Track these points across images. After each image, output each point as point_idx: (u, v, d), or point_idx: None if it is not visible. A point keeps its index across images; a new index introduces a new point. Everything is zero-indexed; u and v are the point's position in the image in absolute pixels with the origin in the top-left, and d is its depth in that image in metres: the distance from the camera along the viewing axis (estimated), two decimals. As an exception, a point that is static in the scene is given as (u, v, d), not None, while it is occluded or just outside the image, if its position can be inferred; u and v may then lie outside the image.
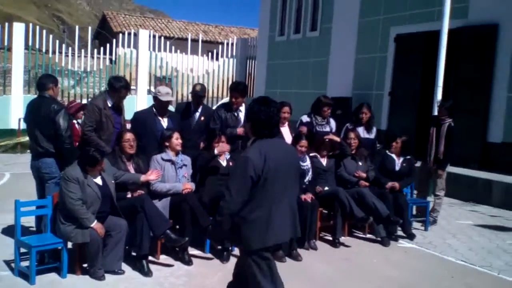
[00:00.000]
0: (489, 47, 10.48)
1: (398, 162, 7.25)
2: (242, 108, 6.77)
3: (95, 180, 5.13)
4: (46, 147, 5.51)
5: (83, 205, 4.92)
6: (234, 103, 6.74)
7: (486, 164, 10.26)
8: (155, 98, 6.33)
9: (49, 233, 5.17)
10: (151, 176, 5.61)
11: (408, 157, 7.35)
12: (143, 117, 6.39)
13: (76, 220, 4.90)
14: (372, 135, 7.61)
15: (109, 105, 6.04)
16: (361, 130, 7.44)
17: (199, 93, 6.86)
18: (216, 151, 6.07)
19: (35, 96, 6.16)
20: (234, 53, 20.69)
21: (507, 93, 10.16)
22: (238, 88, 6.74)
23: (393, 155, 7.25)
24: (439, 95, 9.71)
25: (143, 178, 5.58)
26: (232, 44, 20.74)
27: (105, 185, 5.18)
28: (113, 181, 5.28)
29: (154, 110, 6.36)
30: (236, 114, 6.75)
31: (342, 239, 6.55)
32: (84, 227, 4.90)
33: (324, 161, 6.90)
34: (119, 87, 6.03)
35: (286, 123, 7.12)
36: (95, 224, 4.93)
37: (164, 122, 6.32)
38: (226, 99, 19.48)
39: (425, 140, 7.83)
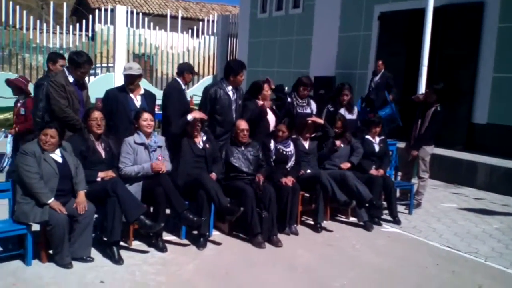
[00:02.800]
0: (474, 25, 10.26)
1: (376, 143, 7.06)
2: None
3: (54, 157, 4.82)
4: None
5: (40, 179, 4.62)
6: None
7: (471, 145, 10.11)
8: (124, 75, 6.01)
9: (12, 218, 4.84)
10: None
11: (382, 137, 7.20)
12: (115, 95, 6.02)
13: (34, 197, 4.61)
14: (354, 116, 7.37)
15: (71, 81, 5.77)
16: (342, 112, 7.18)
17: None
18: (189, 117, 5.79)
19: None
20: (215, 31, 20.21)
21: (493, 73, 9.98)
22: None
23: (370, 138, 7.05)
24: (424, 75, 9.49)
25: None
26: (213, 21, 20.25)
27: (65, 163, 4.86)
28: (75, 163, 4.96)
29: (126, 87, 6.03)
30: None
31: (324, 223, 6.31)
32: (42, 205, 4.61)
33: (306, 144, 6.62)
34: (82, 61, 5.73)
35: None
36: (52, 201, 4.63)
37: (137, 101, 5.98)
38: (207, 78, 19.10)
39: (409, 121, 7.60)
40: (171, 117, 6.39)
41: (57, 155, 4.85)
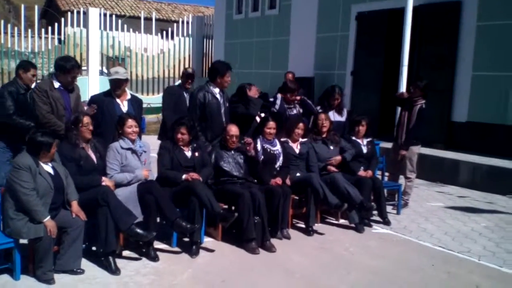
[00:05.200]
0: (452, 24, 10.33)
1: (364, 145, 7.03)
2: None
3: (47, 169, 4.63)
4: None
5: (37, 196, 4.43)
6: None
7: (451, 144, 10.18)
8: (110, 80, 5.86)
9: (2, 233, 4.65)
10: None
11: (370, 138, 7.16)
12: (100, 101, 5.88)
13: (28, 213, 4.41)
14: (343, 118, 7.34)
15: (56, 86, 5.69)
16: (331, 114, 7.15)
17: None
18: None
19: None
20: (190, 32, 20.05)
21: (471, 72, 10.05)
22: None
23: (358, 139, 7.02)
24: (404, 74, 9.51)
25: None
26: (188, 22, 20.08)
27: (57, 175, 4.68)
28: (65, 172, 4.79)
29: (112, 93, 5.88)
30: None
31: (315, 226, 6.25)
32: (36, 221, 4.42)
33: (296, 148, 6.55)
34: (70, 66, 5.71)
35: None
36: (47, 220, 4.43)
37: (124, 106, 5.85)
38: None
39: (389, 120, 7.60)
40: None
41: (48, 167, 4.68)
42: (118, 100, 5.81)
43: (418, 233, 6.29)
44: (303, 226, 6.26)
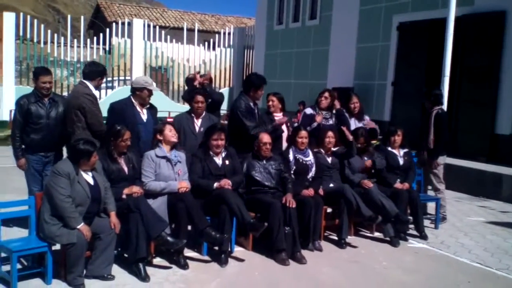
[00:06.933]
0: (496, 35, 10.08)
1: (400, 156, 6.86)
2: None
3: (87, 178, 4.71)
4: None
5: (72, 203, 4.50)
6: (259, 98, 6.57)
7: (494, 157, 9.87)
8: (142, 89, 5.80)
9: (33, 235, 4.75)
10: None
11: (406, 149, 6.98)
12: (122, 109, 5.76)
13: (62, 219, 4.49)
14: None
15: (97, 95, 5.85)
16: (352, 121, 7.13)
17: None
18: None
19: (27, 87, 6.20)
20: (231, 43, 20.21)
21: (516, 83, 9.76)
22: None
23: (394, 150, 6.86)
24: (446, 85, 9.29)
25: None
26: (229, 33, 20.26)
27: (95, 185, 4.75)
28: (104, 183, 4.86)
29: (134, 101, 5.84)
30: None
31: (349, 238, 6.14)
32: (70, 227, 4.50)
33: (329, 158, 6.47)
34: (104, 69, 6.06)
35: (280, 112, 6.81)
36: (81, 225, 4.51)
37: (144, 115, 5.85)
38: (223, 90, 19.06)
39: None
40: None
41: (89, 177, 4.76)
42: (138, 108, 5.82)
43: (455, 248, 6.10)
44: (336, 238, 6.16)
